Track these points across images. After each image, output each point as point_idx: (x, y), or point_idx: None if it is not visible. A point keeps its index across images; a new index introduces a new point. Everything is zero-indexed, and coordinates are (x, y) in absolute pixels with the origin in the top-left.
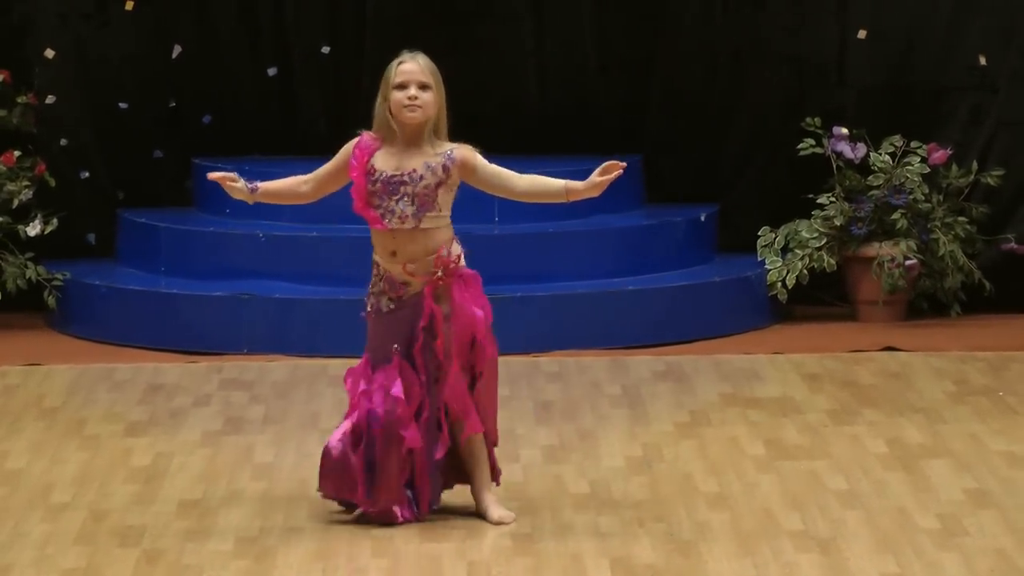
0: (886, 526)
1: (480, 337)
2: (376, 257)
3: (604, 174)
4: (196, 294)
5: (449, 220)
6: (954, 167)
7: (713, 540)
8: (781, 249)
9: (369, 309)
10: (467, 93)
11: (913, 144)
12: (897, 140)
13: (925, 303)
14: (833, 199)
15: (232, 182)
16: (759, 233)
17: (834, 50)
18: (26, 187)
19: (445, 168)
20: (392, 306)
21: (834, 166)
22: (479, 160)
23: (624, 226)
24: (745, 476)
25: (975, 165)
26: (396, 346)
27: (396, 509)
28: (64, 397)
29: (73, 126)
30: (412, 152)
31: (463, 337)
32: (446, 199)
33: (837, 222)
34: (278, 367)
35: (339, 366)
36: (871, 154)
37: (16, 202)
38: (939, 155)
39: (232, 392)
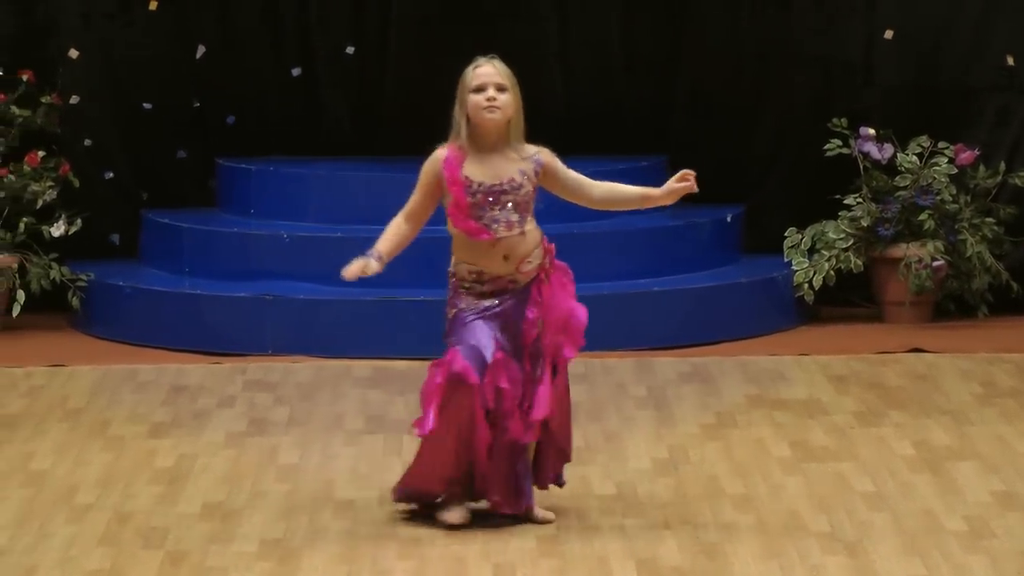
0: (913, 528)
1: (577, 327)
2: (476, 266)
3: (680, 181)
4: (220, 295)
5: None
6: (981, 168)
7: (739, 542)
8: (807, 250)
9: (461, 307)
10: None
11: (940, 145)
12: (924, 141)
13: (952, 304)
14: (860, 200)
15: (364, 269)
16: (785, 234)
17: (861, 50)
18: (50, 187)
19: (536, 173)
20: (497, 303)
21: (861, 167)
22: (560, 165)
23: (649, 227)
24: (771, 478)
25: (1003, 166)
26: (504, 339)
27: (503, 501)
28: (88, 398)
29: (97, 126)
30: (499, 158)
31: (559, 324)
32: (533, 201)
33: (864, 223)
34: (302, 368)
35: (364, 367)
36: (898, 155)
37: (40, 202)
38: (966, 156)
39: (256, 393)
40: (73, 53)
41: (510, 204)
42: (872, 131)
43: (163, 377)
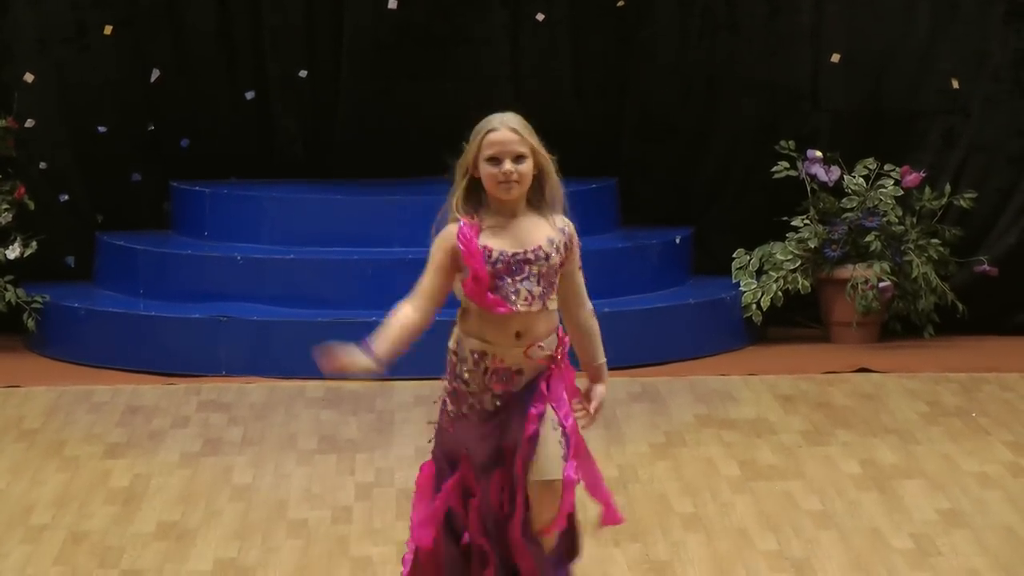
0: (860, 546)
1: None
2: (482, 342)
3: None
4: (174, 316)
5: None
6: (927, 190)
7: (688, 561)
8: (756, 271)
9: (462, 411)
10: (443, 117)
11: (887, 167)
12: (871, 163)
13: (898, 325)
14: (807, 221)
15: (348, 358)
16: (734, 255)
17: (808, 74)
18: (5, 210)
19: (566, 246)
20: (499, 403)
21: (808, 189)
22: (578, 253)
23: (599, 248)
24: (720, 497)
25: (948, 188)
26: (504, 443)
27: None
28: (43, 419)
29: (52, 150)
30: (524, 224)
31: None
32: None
33: (811, 244)
34: (256, 389)
35: (316, 388)
36: (845, 177)
37: None
38: (912, 178)
39: (210, 414)
40: (28, 77)
41: (532, 276)
42: (819, 154)
43: (118, 398)
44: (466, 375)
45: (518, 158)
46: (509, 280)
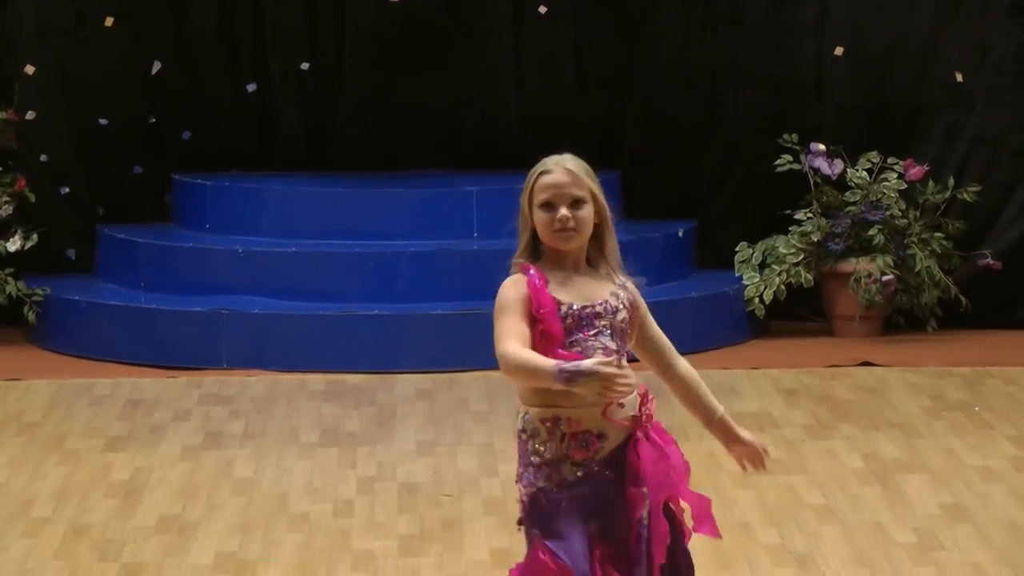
0: (863, 541)
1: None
2: (552, 408)
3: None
4: (175, 309)
5: None
6: (931, 183)
7: (691, 555)
8: (758, 265)
9: (541, 486)
10: (446, 109)
11: (890, 160)
12: (874, 156)
13: (902, 318)
14: (810, 215)
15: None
16: (736, 249)
17: (811, 67)
18: (6, 203)
19: (631, 304)
20: (580, 473)
21: (811, 182)
22: (646, 308)
23: None
24: (723, 491)
25: (952, 181)
26: (592, 525)
27: None
28: (44, 412)
29: (53, 142)
30: (586, 276)
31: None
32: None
33: (814, 238)
34: (257, 382)
35: (318, 381)
36: (848, 170)
37: None
38: (916, 171)
39: (211, 407)
40: (29, 69)
41: (606, 330)
42: (822, 147)
43: (119, 391)
44: (540, 448)
45: (575, 202)
46: (582, 335)
